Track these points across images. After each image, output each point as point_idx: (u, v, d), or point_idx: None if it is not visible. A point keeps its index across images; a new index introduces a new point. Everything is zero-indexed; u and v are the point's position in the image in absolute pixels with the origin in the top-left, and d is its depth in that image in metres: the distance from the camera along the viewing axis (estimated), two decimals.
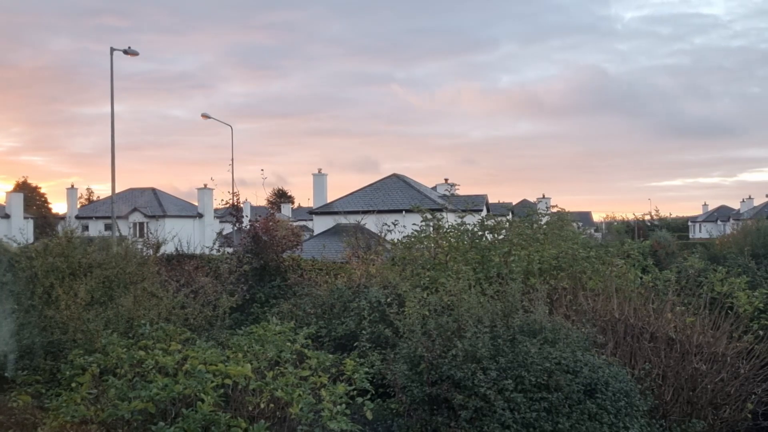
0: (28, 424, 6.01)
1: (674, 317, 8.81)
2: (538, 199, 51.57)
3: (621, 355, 8.12)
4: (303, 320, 10.10)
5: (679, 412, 7.79)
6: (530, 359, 6.93)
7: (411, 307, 8.16)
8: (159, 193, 61.49)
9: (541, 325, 7.65)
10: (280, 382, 6.13)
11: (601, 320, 8.64)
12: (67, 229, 10.96)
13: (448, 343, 7.38)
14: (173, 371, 6.15)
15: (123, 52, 31.49)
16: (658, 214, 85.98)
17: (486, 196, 45.84)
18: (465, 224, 12.22)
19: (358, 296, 10.49)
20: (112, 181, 32.91)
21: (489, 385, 6.70)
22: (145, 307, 9.07)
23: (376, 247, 16.45)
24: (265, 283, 14.70)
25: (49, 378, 7.57)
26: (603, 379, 6.94)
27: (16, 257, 10.27)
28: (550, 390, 6.78)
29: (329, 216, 40.52)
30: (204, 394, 5.64)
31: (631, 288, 10.06)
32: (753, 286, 11.55)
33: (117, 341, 7.01)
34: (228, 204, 19.16)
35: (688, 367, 7.95)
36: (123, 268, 10.00)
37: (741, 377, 8.22)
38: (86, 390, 6.17)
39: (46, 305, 8.98)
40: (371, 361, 8.02)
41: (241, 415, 5.98)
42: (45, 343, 8.23)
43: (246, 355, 6.71)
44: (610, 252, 11.88)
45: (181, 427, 5.38)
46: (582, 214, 78.42)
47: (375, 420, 6.88)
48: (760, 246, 21.21)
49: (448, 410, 6.93)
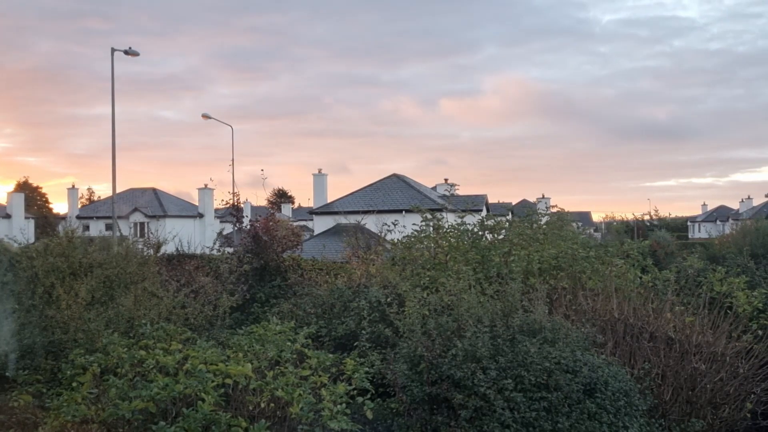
0: (29, 424, 6.04)
1: (673, 317, 8.84)
2: (537, 199, 51.57)
3: (620, 354, 8.14)
4: (303, 320, 10.11)
5: (678, 411, 7.80)
6: (530, 359, 6.94)
7: (411, 306, 8.18)
8: (159, 193, 61.56)
9: (541, 324, 7.67)
10: (280, 382, 6.14)
11: (601, 320, 8.66)
12: (68, 229, 10.96)
13: (448, 343, 7.40)
14: (174, 371, 6.17)
15: (124, 53, 31.55)
16: (657, 214, 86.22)
17: (486, 196, 45.87)
18: (465, 224, 12.25)
19: (358, 296, 10.50)
20: (113, 181, 32.91)
21: (489, 385, 6.72)
22: (146, 307, 9.09)
23: (376, 247, 16.47)
24: (266, 283, 14.71)
25: (50, 377, 7.59)
26: (602, 379, 6.96)
27: (17, 257, 10.28)
28: (550, 389, 6.79)
29: (329, 216, 40.55)
30: (204, 393, 5.66)
31: (631, 288, 10.11)
32: (752, 286, 11.57)
33: (118, 341, 7.05)
34: (228, 204, 19.19)
35: (687, 367, 7.96)
36: (124, 267, 10.02)
37: (740, 377, 8.23)
38: (87, 389, 6.18)
39: (47, 305, 8.98)
40: (371, 361, 8.05)
41: (241, 414, 5.99)
42: (46, 343, 8.24)
43: (246, 354, 6.73)
44: (609, 252, 11.91)
45: (182, 426, 5.39)
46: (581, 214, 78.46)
47: (375, 419, 6.90)
48: (759, 246, 21.30)
49: (448, 410, 6.94)
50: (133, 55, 31.65)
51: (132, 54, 31.63)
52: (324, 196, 46.61)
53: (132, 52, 31.60)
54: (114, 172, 32.15)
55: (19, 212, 60.23)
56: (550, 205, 15.43)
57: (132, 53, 31.62)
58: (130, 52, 31.58)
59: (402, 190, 43.20)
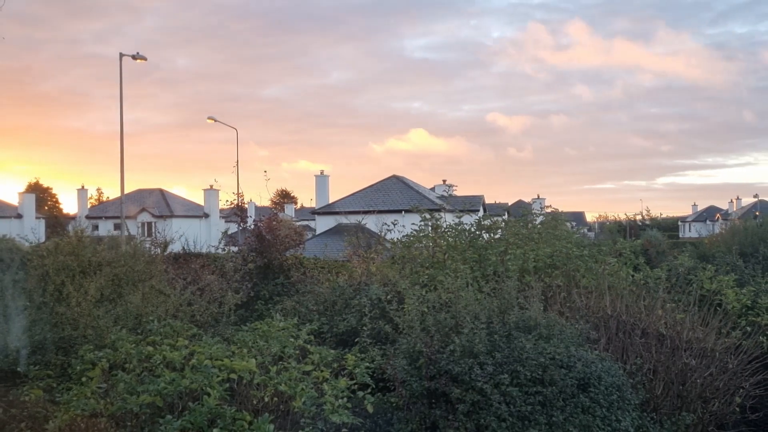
0: (40, 417, 6.09)
1: (665, 314, 8.91)
2: (533, 199, 51.72)
3: (613, 350, 8.20)
4: (306, 317, 10.10)
5: (669, 405, 7.87)
6: (525, 354, 7.03)
7: (410, 304, 8.23)
8: (166, 194, 61.80)
9: (536, 321, 7.76)
10: (283, 377, 6.29)
11: (594, 317, 8.74)
12: (78, 228, 11.01)
13: (446, 339, 7.49)
14: (180, 366, 6.29)
15: (132, 58, 31.70)
16: (649, 214, 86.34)
17: (483, 197, 45.90)
18: (462, 224, 12.26)
19: (359, 293, 10.50)
20: (121, 182, 32.89)
21: (485, 380, 6.81)
22: (153, 304, 9.15)
23: (377, 246, 16.52)
24: (269, 281, 14.78)
25: (60, 373, 7.68)
26: (596, 374, 7.06)
27: (28, 256, 10.32)
28: (545, 384, 6.89)
29: (331, 216, 40.67)
30: (210, 388, 5.80)
31: (623, 285, 10.18)
32: (741, 283, 11.73)
33: (126, 337, 7.16)
34: (233, 205, 19.36)
35: (678, 362, 8.02)
36: (132, 266, 10.07)
37: (729, 372, 8.31)
38: (96, 384, 6.32)
39: (57, 302, 9.05)
40: (372, 357, 8.00)
41: (245, 408, 6.12)
42: (56, 339, 8.32)
43: (251, 350, 6.85)
44: (602, 251, 11.98)
45: (188, 420, 5.53)
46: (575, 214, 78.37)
47: (375, 413, 6.87)
48: (747, 245, 21.32)
49: (446, 404, 7.02)
50: (141, 59, 31.76)
51: (140, 59, 31.74)
52: (326, 196, 46.66)
53: (140, 56, 31.72)
54: (122, 174, 32.19)
55: (30, 212, 60.21)
56: (545, 206, 15.54)
57: (140, 57, 31.74)
58: (138, 57, 31.70)
59: (401, 191, 43.37)
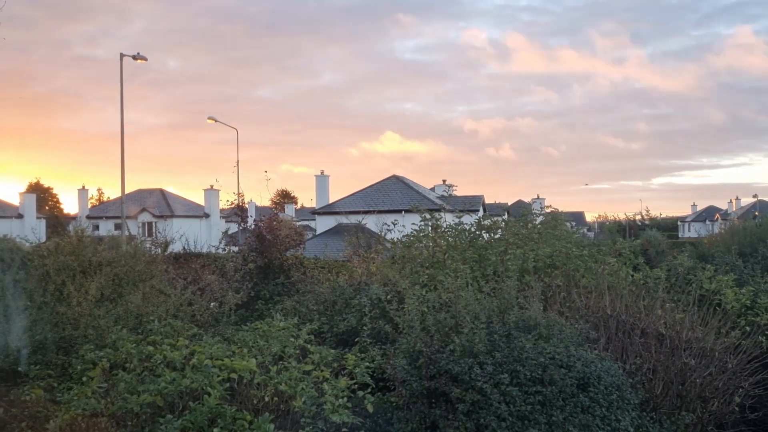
0: (41, 417, 6.11)
1: (664, 314, 8.92)
2: (532, 199, 51.83)
3: (613, 350, 8.21)
4: (306, 317, 10.11)
5: (668, 405, 7.88)
6: (525, 354, 7.05)
7: (410, 303, 8.24)
8: (167, 194, 61.89)
9: (536, 321, 7.77)
10: (283, 377, 6.30)
11: (594, 316, 8.74)
12: (78, 228, 11.00)
13: (446, 339, 7.50)
14: (181, 366, 6.31)
15: (132, 58, 31.75)
16: (648, 214, 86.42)
17: (483, 197, 45.94)
18: (462, 224, 12.27)
19: (359, 293, 10.52)
20: (122, 182, 33.01)
21: (485, 379, 6.82)
22: (154, 304, 9.15)
23: (377, 246, 16.56)
24: (269, 281, 14.80)
25: (61, 372, 7.68)
26: (595, 374, 7.07)
27: (29, 256, 10.26)
28: (545, 384, 6.90)
29: (331, 216, 40.74)
30: (210, 387, 5.81)
31: (623, 285, 10.18)
32: (740, 283, 11.75)
33: (126, 337, 7.17)
34: (233, 205, 19.41)
35: (677, 362, 8.04)
36: (132, 266, 10.05)
37: (728, 371, 8.32)
38: (97, 384, 6.32)
39: (58, 302, 9.03)
40: (372, 356, 8.00)
41: (246, 408, 6.14)
42: (57, 339, 8.32)
43: (251, 350, 6.87)
44: (602, 251, 12.00)
45: (189, 419, 5.54)
46: (575, 214, 78.36)
47: (375, 413, 6.87)
48: (746, 245, 21.30)
49: (446, 403, 7.03)
50: (142, 60, 31.80)
51: (141, 59, 31.78)
52: (326, 196, 46.75)
53: (140, 57, 31.75)
54: (123, 174, 32.32)
55: (31, 212, 60.40)
56: (545, 206, 15.56)
57: (140, 58, 31.78)
58: (139, 57, 31.74)
59: (401, 191, 43.45)
